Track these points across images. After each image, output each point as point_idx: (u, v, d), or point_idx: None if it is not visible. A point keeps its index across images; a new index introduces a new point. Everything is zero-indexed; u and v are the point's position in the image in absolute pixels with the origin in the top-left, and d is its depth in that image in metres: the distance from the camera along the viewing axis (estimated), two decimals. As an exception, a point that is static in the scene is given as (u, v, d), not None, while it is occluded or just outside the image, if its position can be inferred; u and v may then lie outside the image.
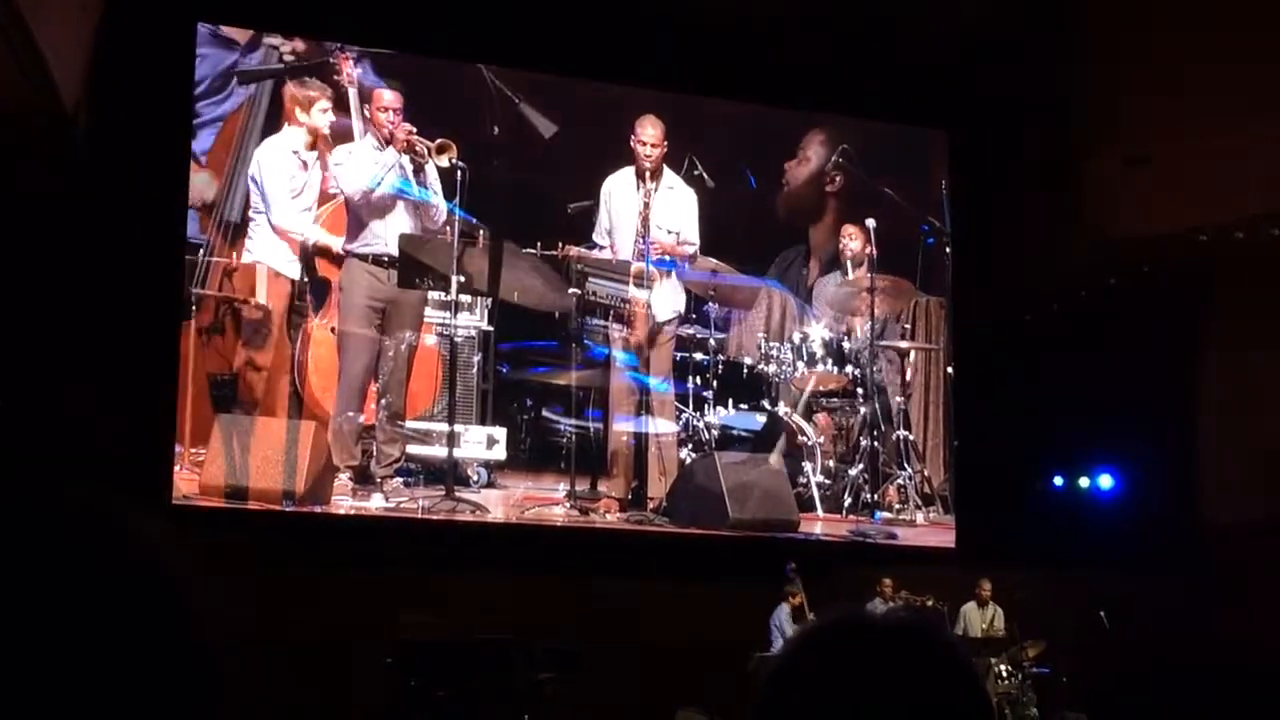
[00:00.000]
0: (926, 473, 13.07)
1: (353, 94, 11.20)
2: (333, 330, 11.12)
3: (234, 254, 11.08)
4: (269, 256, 11.10)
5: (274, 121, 11.23)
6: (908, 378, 13.13)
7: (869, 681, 1.26)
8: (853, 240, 12.77)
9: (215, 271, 11.05)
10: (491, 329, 11.22)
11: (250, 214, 11.10)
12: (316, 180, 11.13)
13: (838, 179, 12.54)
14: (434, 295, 11.04)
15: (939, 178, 13.61)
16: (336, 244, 11.15)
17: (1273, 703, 11.42)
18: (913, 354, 13.16)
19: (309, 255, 11.08)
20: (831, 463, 12.45)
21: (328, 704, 10.27)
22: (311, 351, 10.95)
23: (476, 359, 10.88)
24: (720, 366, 12.12)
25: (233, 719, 1.04)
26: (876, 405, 12.60)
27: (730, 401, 12.11)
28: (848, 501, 12.40)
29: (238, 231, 11.11)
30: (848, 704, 1.26)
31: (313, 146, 11.18)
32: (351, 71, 11.20)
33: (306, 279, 11.10)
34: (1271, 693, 11.43)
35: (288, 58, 11.28)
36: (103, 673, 0.96)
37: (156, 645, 0.99)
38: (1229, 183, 11.95)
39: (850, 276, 12.76)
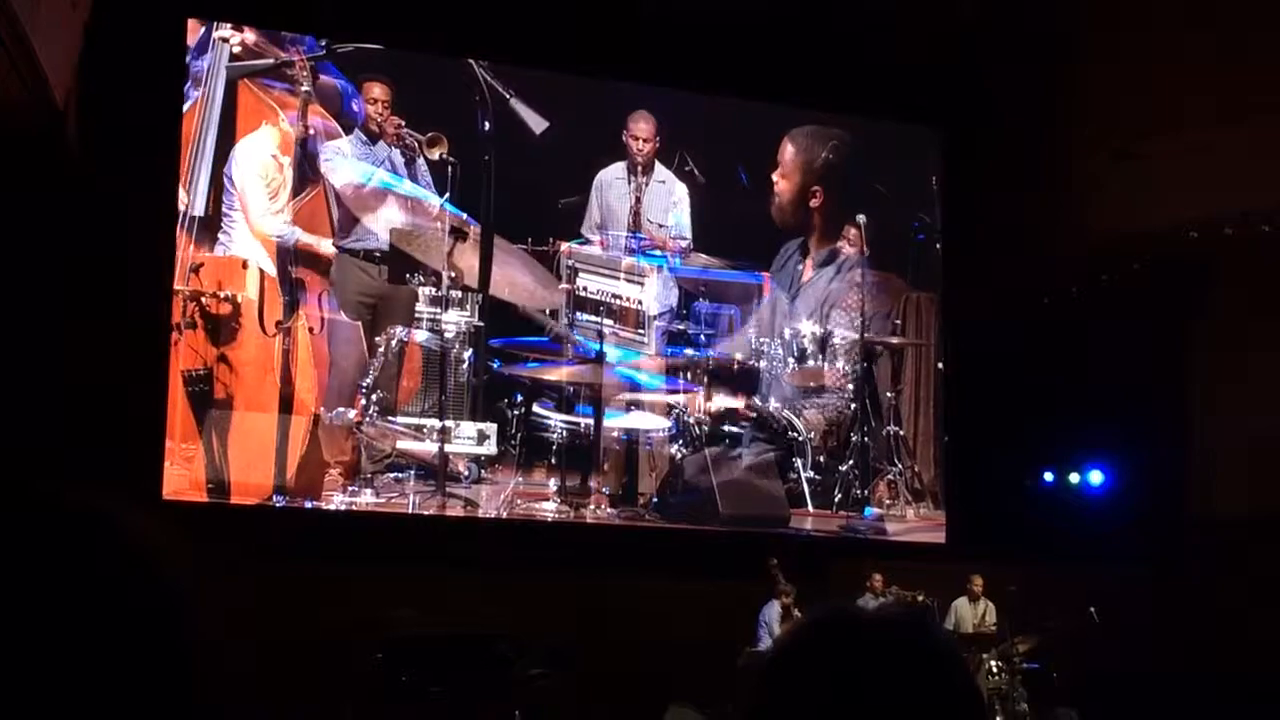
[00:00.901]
0: (917, 468, 13.09)
1: (306, 88, 11.13)
2: (311, 330, 11.11)
3: (200, 248, 11.06)
4: (246, 251, 11.09)
5: (229, 117, 11.17)
6: (898, 373, 13.15)
7: (860, 677, 1.26)
8: (850, 245, 12.77)
9: (181, 266, 11.04)
10: (482, 324, 11.21)
11: (225, 210, 11.09)
12: (290, 180, 11.09)
13: (819, 193, 12.40)
14: (425, 291, 11.03)
15: (931, 174, 13.61)
16: (315, 242, 11.15)
17: (1262, 698, 11.45)
18: (904, 349, 13.18)
19: (285, 254, 11.05)
20: (822, 458, 12.46)
21: (319, 700, 10.26)
22: (293, 349, 10.93)
23: (468, 354, 10.87)
24: (710, 362, 12.13)
25: (226, 716, 1.04)
26: (867, 401, 12.61)
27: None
28: (838, 497, 12.41)
29: (203, 226, 11.09)
30: (839, 700, 1.26)
31: (288, 149, 11.13)
32: (305, 69, 11.08)
33: (280, 277, 11.07)
34: (1260, 688, 11.46)
35: (236, 49, 11.22)
36: (100, 671, 0.96)
37: (153, 644, 0.99)
38: (1219, 180, 11.97)
39: (843, 274, 12.75)
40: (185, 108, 11.16)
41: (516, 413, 11.14)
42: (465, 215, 11.10)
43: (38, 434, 9.76)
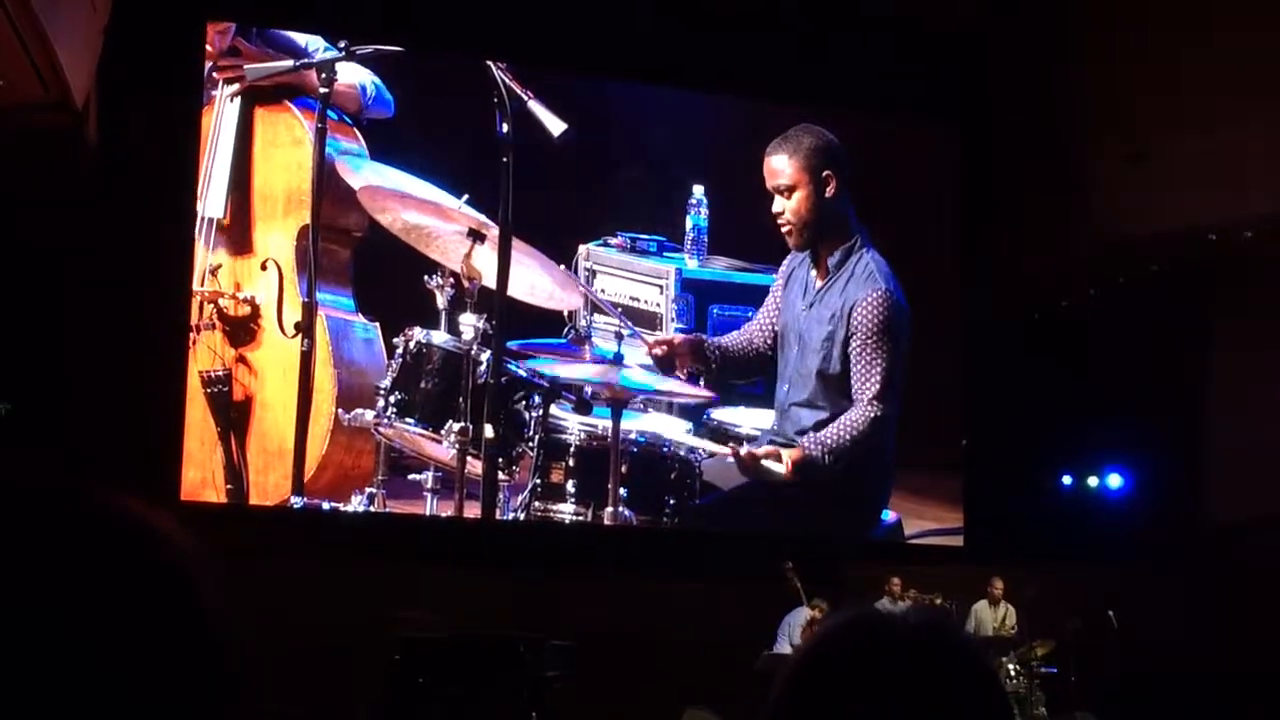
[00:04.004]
0: (935, 471, 13.04)
1: (324, 90, 11.10)
2: (329, 331, 11.12)
3: (218, 250, 11.12)
4: (264, 253, 11.14)
5: (247, 121, 11.19)
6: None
7: (892, 681, 1.25)
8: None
9: (199, 268, 11.09)
10: (499, 326, 11.18)
11: (244, 212, 11.13)
12: (310, 185, 11.06)
13: (831, 178, 11.91)
14: (443, 292, 11.01)
15: (947, 176, 13.57)
16: (332, 244, 11.17)
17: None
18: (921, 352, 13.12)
19: (303, 256, 11.05)
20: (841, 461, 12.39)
21: (334, 701, 10.28)
22: (311, 350, 10.92)
23: (485, 356, 10.85)
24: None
25: (242, 717, 1.04)
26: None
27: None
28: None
29: (221, 228, 11.13)
30: (869, 704, 1.25)
31: (309, 155, 11.09)
32: (323, 72, 11.00)
33: (298, 279, 11.09)
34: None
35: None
36: (126, 671, 0.95)
37: (178, 645, 0.98)
38: (1238, 181, 11.93)
39: (859, 276, 12.63)
40: (203, 109, 11.21)
41: (534, 415, 11.11)
42: (483, 217, 11.07)
43: (54, 435, 9.80)
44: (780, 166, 11.50)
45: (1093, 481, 13.89)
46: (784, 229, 11.56)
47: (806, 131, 11.59)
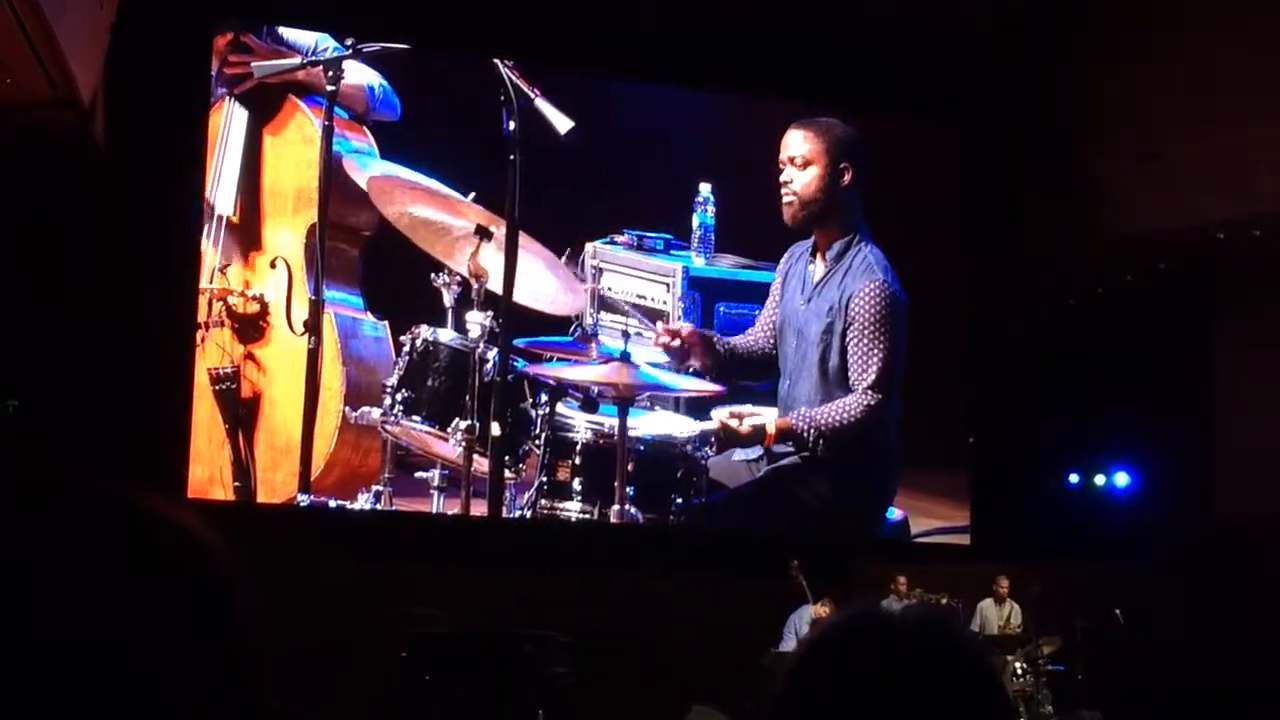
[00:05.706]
0: (941, 469, 13.04)
1: (332, 88, 11.10)
2: (337, 329, 11.13)
3: (227, 248, 11.16)
4: (273, 251, 11.17)
5: (256, 117, 11.23)
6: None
7: (888, 678, 1.26)
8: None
9: (208, 266, 11.13)
10: (506, 323, 11.18)
11: (252, 210, 11.18)
12: (319, 183, 11.08)
13: (848, 169, 11.91)
14: (450, 290, 11.01)
15: (953, 175, 13.56)
16: (340, 241, 11.19)
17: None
18: (927, 350, 13.11)
19: (311, 253, 11.07)
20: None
21: (342, 699, 10.29)
22: (319, 348, 10.93)
23: (492, 354, 10.86)
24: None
25: (256, 716, 1.05)
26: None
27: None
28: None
29: (230, 225, 11.17)
30: (867, 701, 1.26)
31: (318, 152, 11.10)
32: (331, 70, 10.95)
33: (307, 276, 11.10)
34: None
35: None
36: (157, 669, 0.96)
37: (208, 643, 0.99)
38: (1245, 180, 11.92)
39: (857, 268, 12.59)
40: (212, 106, 11.23)
41: (541, 413, 11.12)
42: (491, 214, 11.08)
43: (60, 431, 9.82)
44: (802, 141, 11.67)
45: (1099, 480, 13.89)
46: (785, 199, 11.64)
47: (836, 123, 11.73)
